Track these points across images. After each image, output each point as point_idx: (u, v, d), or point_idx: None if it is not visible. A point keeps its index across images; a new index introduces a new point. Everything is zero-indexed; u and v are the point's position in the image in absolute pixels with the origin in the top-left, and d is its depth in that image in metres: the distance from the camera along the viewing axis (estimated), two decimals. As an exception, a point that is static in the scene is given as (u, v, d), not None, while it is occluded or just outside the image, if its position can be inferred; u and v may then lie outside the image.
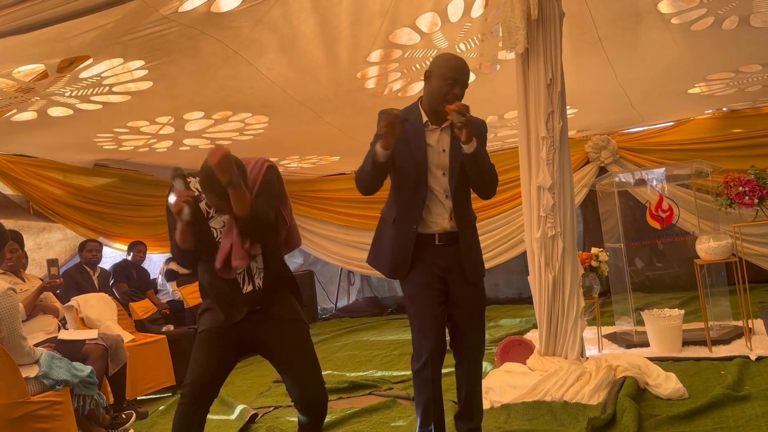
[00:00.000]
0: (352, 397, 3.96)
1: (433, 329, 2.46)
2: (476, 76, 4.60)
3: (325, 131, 5.59)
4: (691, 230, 5.42)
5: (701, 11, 3.77)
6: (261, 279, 2.36)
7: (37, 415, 2.89)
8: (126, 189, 6.28)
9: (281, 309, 2.39)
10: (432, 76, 2.48)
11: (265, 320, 2.35)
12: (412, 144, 2.49)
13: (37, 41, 3.01)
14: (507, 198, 7.30)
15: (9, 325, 2.92)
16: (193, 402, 2.23)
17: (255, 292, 2.34)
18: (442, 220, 2.50)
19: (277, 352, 2.38)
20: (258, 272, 2.36)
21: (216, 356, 2.31)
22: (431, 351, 2.43)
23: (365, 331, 6.78)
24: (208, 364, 2.28)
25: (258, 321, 2.34)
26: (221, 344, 2.33)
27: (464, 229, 2.52)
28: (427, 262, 2.51)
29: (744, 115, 6.60)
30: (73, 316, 4.46)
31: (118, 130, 4.93)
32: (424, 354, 2.44)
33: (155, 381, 4.64)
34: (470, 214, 2.59)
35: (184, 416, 2.22)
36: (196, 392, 2.23)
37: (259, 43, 3.64)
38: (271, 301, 2.37)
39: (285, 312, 2.39)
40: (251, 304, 2.34)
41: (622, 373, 3.36)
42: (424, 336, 2.45)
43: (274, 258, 2.40)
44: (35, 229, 5.53)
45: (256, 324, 2.34)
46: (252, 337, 2.36)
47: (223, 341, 2.33)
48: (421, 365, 2.45)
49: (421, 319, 2.48)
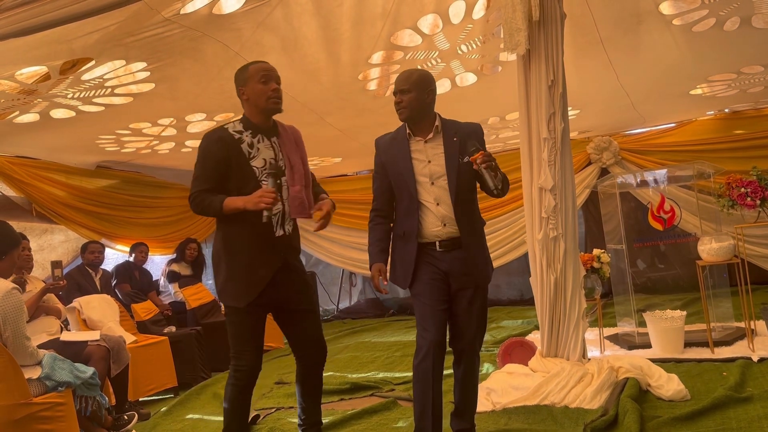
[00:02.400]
0: (353, 398, 3.96)
1: (434, 324, 2.51)
2: (478, 78, 4.60)
3: (327, 133, 5.60)
4: (693, 231, 5.42)
5: (703, 12, 3.77)
6: (291, 225, 2.63)
7: (39, 416, 2.89)
8: (128, 190, 6.29)
9: (300, 266, 2.70)
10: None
11: (288, 275, 2.61)
12: (399, 159, 2.63)
13: (40, 43, 3.02)
14: (508, 199, 7.29)
15: (13, 325, 2.92)
16: (247, 383, 2.57)
17: (285, 237, 2.59)
18: (435, 228, 2.57)
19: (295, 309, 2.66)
20: (288, 219, 2.61)
21: (259, 333, 2.59)
22: (431, 343, 2.47)
23: (367, 333, 6.77)
24: (258, 347, 2.59)
25: (282, 281, 2.59)
26: (262, 318, 2.60)
27: (466, 234, 2.57)
28: (429, 264, 2.58)
29: (746, 116, 6.60)
30: (75, 317, 4.47)
31: (120, 132, 4.94)
32: (424, 346, 2.49)
33: (157, 382, 4.64)
34: (474, 220, 2.65)
35: (245, 393, 2.57)
36: (251, 375, 2.57)
37: (261, 44, 3.65)
38: (293, 251, 2.66)
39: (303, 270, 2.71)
40: (282, 249, 2.58)
41: (624, 374, 3.35)
42: (426, 329, 2.51)
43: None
44: (38, 230, 5.54)
45: (281, 284, 2.59)
46: (277, 295, 2.59)
47: (261, 314, 2.60)
48: (421, 357, 2.49)
49: (424, 314, 2.54)
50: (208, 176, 2.53)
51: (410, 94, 2.57)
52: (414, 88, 2.58)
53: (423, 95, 2.59)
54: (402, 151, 2.62)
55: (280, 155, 2.63)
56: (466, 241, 2.57)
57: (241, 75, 2.62)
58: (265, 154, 2.59)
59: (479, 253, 2.62)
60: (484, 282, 2.65)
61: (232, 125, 2.60)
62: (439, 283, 2.56)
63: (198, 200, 2.54)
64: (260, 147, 2.59)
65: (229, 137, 2.55)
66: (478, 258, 2.61)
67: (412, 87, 2.58)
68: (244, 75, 2.61)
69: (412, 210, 2.59)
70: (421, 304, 2.56)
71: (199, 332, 5.29)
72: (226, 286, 2.56)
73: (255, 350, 2.58)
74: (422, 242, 2.59)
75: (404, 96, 2.58)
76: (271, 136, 2.65)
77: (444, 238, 2.57)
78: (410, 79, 2.59)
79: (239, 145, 2.54)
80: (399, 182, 2.63)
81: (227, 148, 2.52)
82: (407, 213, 2.61)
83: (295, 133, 2.77)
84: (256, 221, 2.45)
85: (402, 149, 2.63)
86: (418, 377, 2.49)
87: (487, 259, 2.68)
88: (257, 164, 2.56)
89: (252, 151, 2.56)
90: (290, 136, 2.72)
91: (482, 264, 2.63)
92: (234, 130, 2.57)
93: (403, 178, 2.60)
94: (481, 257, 2.63)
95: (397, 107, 2.60)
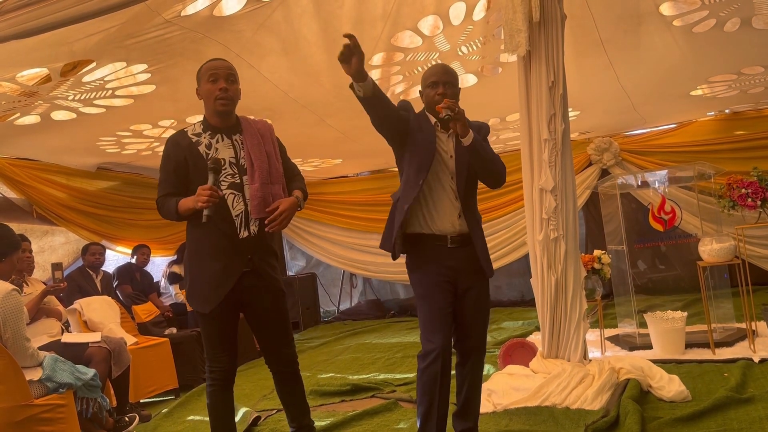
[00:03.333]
0: (354, 400, 3.96)
1: (442, 326, 2.47)
2: (478, 79, 4.60)
3: (328, 134, 5.60)
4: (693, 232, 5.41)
5: (703, 13, 3.77)
6: (256, 225, 2.51)
7: (40, 418, 2.89)
8: (129, 192, 6.29)
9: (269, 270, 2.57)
10: (422, 90, 2.64)
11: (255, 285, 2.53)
12: (428, 142, 2.54)
13: (41, 45, 3.02)
14: (509, 200, 7.30)
15: (13, 327, 2.92)
16: (224, 386, 2.53)
17: (250, 238, 2.50)
18: (453, 219, 2.54)
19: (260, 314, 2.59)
20: (253, 219, 2.51)
21: (229, 336, 2.54)
22: (440, 347, 2.43)
23: (367, 334, 6.77)
24: (229, 349, 2.54)
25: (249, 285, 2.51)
26: (229, 318, 2.54)
27: (474, 228, 2.57)
28: (437, 263, 2.54)
29: (746, 117, 6.60)
30: (76, 319, 4.46)
31: (121, 134, 4.94)
32: (432, 351, 2.43)
33: (158, 384, 4.64)
34: (477, 214, 2.65)
35: (220, 397, 2.53)
36: (226, 378, 2.52)
37: (262, 46, 3.65)
38: (262, 253, 2.54)
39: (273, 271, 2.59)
40: (247, 251, 2.49)
41: (625, 375, 3.35)
42: (433, 332, 2.46)
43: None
44: (38, 232, 5.54)
45: (249, 288, 2.52)
46: (244, 299, 2.53)
47: (230, 315, 2.53)
48: (429, 361, 2.43)
49: (431, 317, 2.49)
50: (169, 180, 2.52)
51: (454, 89, 2.56)
52: (456, 82, 2.59)
53: (458, 92, 2.61)
54: (431, 136, 2.55)
55: (241, 153, 2.55)
56: (475, 234, 2.56)
57: (197, 74, 2.59)
58: (224, 153, 2.53)
59: (485, 248, 2.62)
60: (491, 275, 2.64)
61: (192, 128, 2.57)
62: (445, 284, 2.51)
63: (160, 205, 2.55)
64: (219, 147, 2.53)
65: (185, 140, 2.52)
66: (485, 254, 2.60)
67: (455, 81, 2.58)
68: (198, 74, 2.58)
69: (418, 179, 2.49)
70: (428, 307, 2.50)
71: (200, 334, 5.26)
72: (192, 291, 2.53)
73: (225, 353, 2.53)
74: (434, 234, 2.53)
75: (449, 89, 2.53)
76: (232, 133, 2.58)
77: (457, 232, 2.53)
78: (452, 72, 2.57)
79: (196, 148, 2.50)
80: (417, 155, 2.52)
81: (183, 150, 2.50)
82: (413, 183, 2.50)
83: (262, 127, 2.66)
84: (219, 224, 2.43)
85: (431, 135, 2.56)
86: (426, 380, 2.44)
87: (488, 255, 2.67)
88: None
89: (210, 152, 2.50)
90: (254, 131, 2.61)
91: (487, 260, 2.62)
92: (193, 132, 2.55)
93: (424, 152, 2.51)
94: (486, 253, 2.62)
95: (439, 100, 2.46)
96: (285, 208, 2.50)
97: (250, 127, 2.63)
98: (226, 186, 2.49)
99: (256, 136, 2.60)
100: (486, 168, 2.54)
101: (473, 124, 2.61)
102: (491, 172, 2.57)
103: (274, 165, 2.59)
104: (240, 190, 2.50)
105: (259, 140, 2.59)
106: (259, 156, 2.55)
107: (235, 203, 2.49)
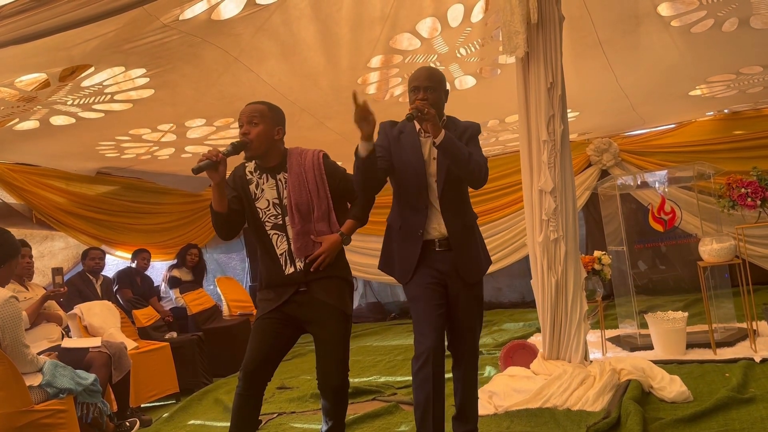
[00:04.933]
0: (355, 403, 3.95)
1: (433, 329, 2.46)
2: (477, 81, 4.60)
3: (327, 137, 5.60)
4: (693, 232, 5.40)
5: (701, 13, 3.77)
6: (302, 262, 2.54)
7: (40, 423, 2.88)
8: (128, 197, 6.30)
9: (325, 294, 2.54)
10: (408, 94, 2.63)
11: (309, 302, 2.53)
12: (410, 152, 2.56)
13: (39, 50, 3.02)
14: (509, 202, 7.30)
15: (12, 334, 2.91)
16: (248, 387, 2.46)
17: (296, 274, 2.53)
18: (438, 225, 2.55)
19: (314, 335, 2.56)
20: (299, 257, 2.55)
21: (267, 341, 2.50)
22: (430, 349, 2.43)
23: (368, 337, 6.77)
24: (259, 350, 2.50)
25: (303, 302, 2.53)
26: (273, 328, 2.52)
27: (456, 232, 2.54)
28: (428, 266, 2.54)
29: (745, 116, 6.60)
30: (76, 324, 4.46)
31: (120, 138, 4.94)
32: (423, 353, 2.44)
33: (159, 388, 4.63)
34: (466, 217, 2.61)
35: (240, 402, 2.46)
36: (248, 378, 2.45)
37: (260, 50, 3.65)
38: (314, 282, 2.54)
39: (328, 297, 2.54)
40: (295, 284, 2.53)
41: (626, 376, 3.35)
42: (424, 335, 2.46)
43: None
44: (38, 237, 5.54)
45: (301, 304, 2.53)
46: (298, 316, 2.55)
47: (274, 325, 2.52)
48: (420, 364, 2.43)
49: (422, 319, 2.49)
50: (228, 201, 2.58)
51: (435, 93, 2.53)
52: (439, 87, 2.56)
53: (443, 95, 2.58)
54: (414, 147, 2.57)
55: (284, 193, 2.57)
56: (455, 238, 2.54)
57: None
58: (269, 195, 2.57)
59: (475, 249, 2.60)
60: (479, 279, 2.61)
61: (252, 163, 2.62)
62: (436, 286, 2.52)
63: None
64: (265, 188, 2.58)
65: (240, 176, 2.60)
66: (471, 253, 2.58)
67: (438, 86, 2.55)
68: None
69: (420, 205, 2.54)
70: (419, 308, 2.51)
71: (201, 338, 5.28)
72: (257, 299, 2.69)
73: (253, 358, 2.50)
74: (425, 239, 2.54)
75: (429, 93, 2.51)
76: (277, 173, 2.59)
77: (443, 236, 2.53)
78: (435, 77, 2.55)
79: (248, 186, 2.58)
80: (407, 177, 2.56)
81: (237, 185, 2.59)
82: (414, 208, 2.55)
83: (309, 161, 2.63)
84: (268, 259, 2.56)
85: (414, 145, 2.57)
86: (418, 384, 2.44)
87: (482, 255, 2.65)
88: (261, 206, 2.56)
89: (257, 192, 2.57)
90: (299, 170, 2.59)
91: (478, 260, 2.60)
92: (249, 169, 2.61)
93: (414, 172, 2.54)
94: (476, 253, 2.60)
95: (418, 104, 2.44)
96: (324, 249, 2.54)
97: (295, 165, 2.60)
98: (270, 226, 2.56)
99: (300, 175, 2.58)
100: (459, 167, 2.48)
101: (462, 124, 2.61)
102: (466, 171, 2.50)
103: (317, 203, 2.58)
104: (283, 230, 2.56)
105: (303, 179, 2.58)
106: (299, 196, 2.55)
107: (279, 242, 2.56)
